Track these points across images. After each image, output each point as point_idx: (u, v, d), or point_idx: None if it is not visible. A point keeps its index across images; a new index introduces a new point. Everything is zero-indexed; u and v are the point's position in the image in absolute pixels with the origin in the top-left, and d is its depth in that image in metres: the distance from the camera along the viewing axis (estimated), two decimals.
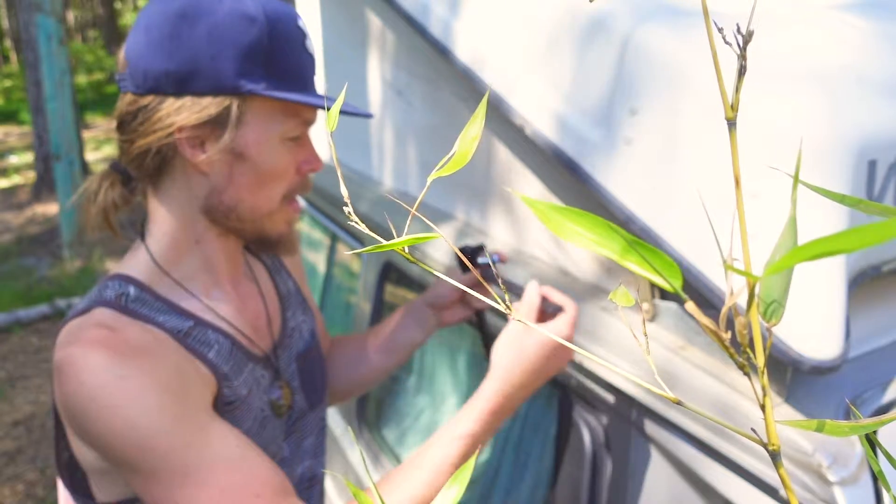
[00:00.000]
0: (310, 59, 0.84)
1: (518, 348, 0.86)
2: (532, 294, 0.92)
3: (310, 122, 0.86)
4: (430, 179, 0.28)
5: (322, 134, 1.86)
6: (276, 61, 0.80)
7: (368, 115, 0.88)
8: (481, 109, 0.30)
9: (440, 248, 1.39)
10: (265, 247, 0.90)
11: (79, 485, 0.81)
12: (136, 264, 0.83)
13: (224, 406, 0.82)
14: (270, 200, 0.85)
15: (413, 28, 1.29)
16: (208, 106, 0.77)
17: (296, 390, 0.95)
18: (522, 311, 0.91)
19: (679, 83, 0.82)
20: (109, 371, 0.70)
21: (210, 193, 0.82)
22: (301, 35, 0.83)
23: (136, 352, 0.73)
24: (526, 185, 1.19)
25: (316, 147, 0.90)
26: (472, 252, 1.08)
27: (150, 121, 0.78)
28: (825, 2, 0.96)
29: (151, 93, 0.78)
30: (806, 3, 0.97)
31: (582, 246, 0.24)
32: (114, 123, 0.82)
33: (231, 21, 0.77)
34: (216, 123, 0.78)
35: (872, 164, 0.75)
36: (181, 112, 0.77)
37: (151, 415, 0.70)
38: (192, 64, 0.76)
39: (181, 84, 0.77)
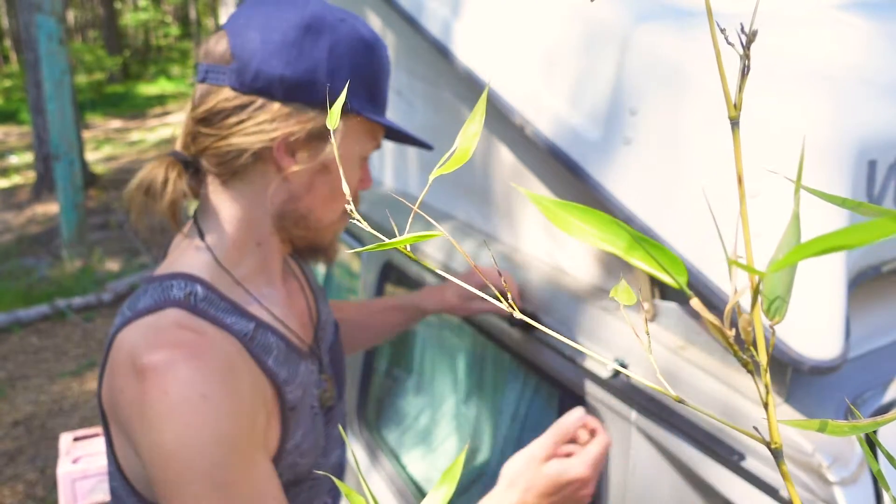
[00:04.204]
0: (388, 86, 0.90)
1: (529, 474, 0.82)
2: (572, 419, 0.86)
3: (380, 145, 0.91)
4: (431, 177, 0.28)
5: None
6: (375, 86, 0.85)
7: (428, 147, 0.94)
8: (481, 105, 0.30)
9: (440, 248, 1.39)
10: (312, 254, 0.92)
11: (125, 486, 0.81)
12: (197, 263, 0.82)
13: (289, 411, 0.82)
14: (334, 213, 0.88)
15: (413, 28, 1.29)
16: (315, 118, 0.79)
17: (332, 380, 0.98)
18: (553, 429, 0.85)
19: (679, 83, 0.82)
20: (195, 386, 0.70)
21: (287, 200, 0.83)
22: (390, 65, 0.89)
23: (221, 366, 0.73)
24: (526, 185, 1.19)
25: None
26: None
27: (253, 121, 0.78)
28: (827, 2, 0.96)
29: (257, 94, 0.78)
30: (808, 3, 0.97)
31: (587, 242, 0.24)
32: (195, 112, 0.80)
33: (350, 42, 0.81)
34: (316, 136, 0.81)
35: (872, 164, 0.75)
36: (288, 119, 0.78)
37: (221, 444, 0.71)
38: (310, 75, 0.78)
39: (293, 92, 0.78)
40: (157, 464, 0.71)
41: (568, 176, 1.08)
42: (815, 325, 0.72)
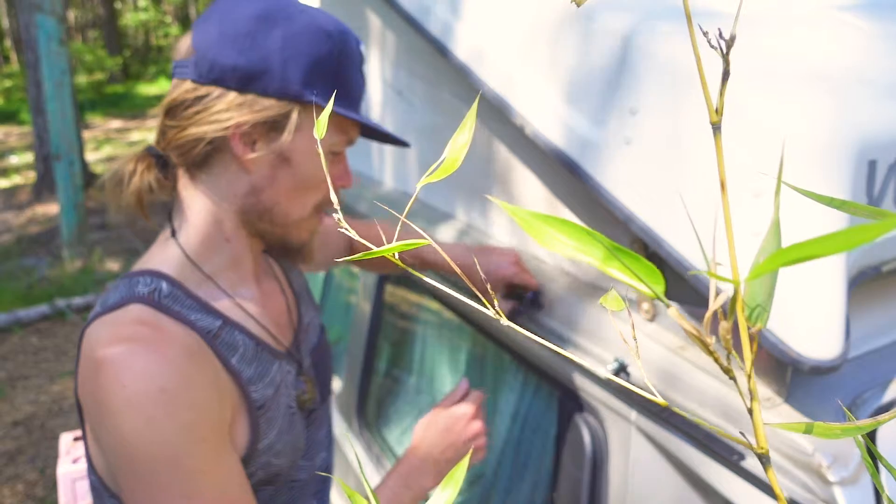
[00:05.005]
0: (363, 82, 0.88)
1: (428, 422, 1.01)
2: (460, 388, 1.06)
3: (352, 141, 0.89)
4: (419, 185, 0.28)
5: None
6: (339, 78, 0.83)
7: (405, 144, 0.93)
8: (470, 117, 0.30)
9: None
10: (284, 253, 0.91)
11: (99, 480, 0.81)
12: (166, 259, 0.82)
13: (257, 410, 0.82)
14: (303, 208, 0.86)
15: (413, 28, 1.29)
16: (270, 107, 0.79)
17: (314, 383, 0.97)
18: (446, 397, 1.05)
19: (679, 83, 0.82)
20: (153, 379, 0.70)
21: (249, 192, 0.83)
22: (361, 58, 0.87)
23: (179, 360, 0.73)
24: (526, 185, 1.19)
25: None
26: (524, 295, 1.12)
27: (209, 111, 0.78)
28: (827, 2, 0.96)
29: (214, 84, 0.78)
30: (808, 3, 0.97)
31: (563, 254, 0.24)
32: (162, 105, 0.82)
33: (307, 32, 0.80)
34: (272, 126, 0.80)
35: (872, 164, 0.75)
36: (242, 108, 0.78)
37: (183, 434, 0.71)
38: (263, 64, 0.78)
39: (247, 81, 0.78)
40: (120, 456, 0.71)
41: (568, 176, 1.08)
42: (815, 325, 0.72)
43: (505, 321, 0.27)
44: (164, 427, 0.70)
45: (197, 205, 0.83)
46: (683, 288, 0.89)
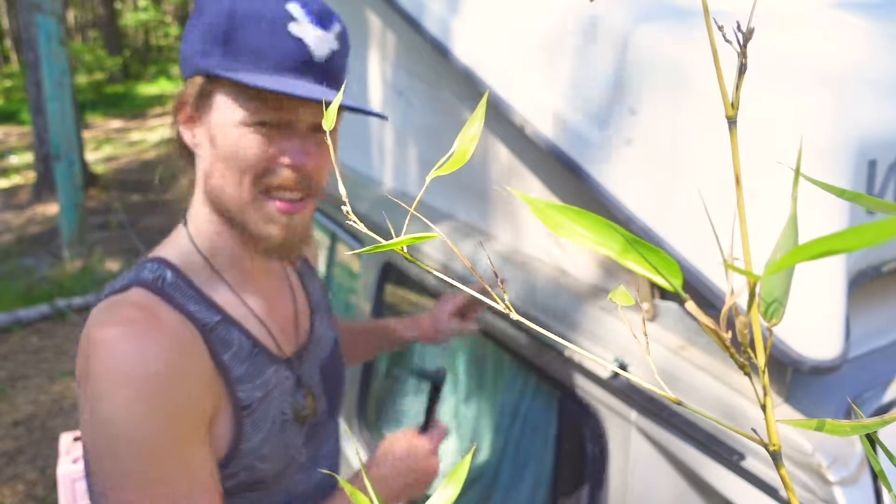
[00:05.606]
0: (292, 42, 0.75)
1: (389, 444, 0.96)
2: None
3: (279, 109, 0.77)
4: (429, 178, 0.28)
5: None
6: (235, 41, 0.75)
7: (382, 116, 0.83)
8: (481, 109, 0.30)
9: (439, 248, 1.39)
10: (260, 248, 0.83)
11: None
12: (174, 248, 0.84)
13: (241, 410, 0.81)
14: (239, 188, 0.78)
15: (413, 28, 1.29)
16: (189, 88, 0.80)
17: (318, 397, 0.95)
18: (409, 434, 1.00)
19: (679, 83, 0.82)
20: (138, 363, 0.71)
21: (205, 178, 0.81)
22: (283, 16, 0.75)
23: (169, 347, 0.74)
24: (525, 185, 1.19)
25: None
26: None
27: (173, 105, 0.82)
28: (827, 1, 0.96)
29: (184, 79, 0.82)
30: (808, 2, 0.97)
31: (581, 244, 0.24)
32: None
33: (207, 2, 0.78)
34: (195, 106, 0.80)
35: (872, 164, 0.75)
36: (180, 96, 0.81)
37: (157, 420, 0.71)
38: (185, 48, 0.80)
39: (182, 68, 0.81)
40: (94, 436, 0.71)
41: (568, 176, 1.08)
42: (816, 325, 0.72)
43: (515, 316, 0.27)
44: (138, 410, 0.70)
45: (196, 196, 0.85)
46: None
